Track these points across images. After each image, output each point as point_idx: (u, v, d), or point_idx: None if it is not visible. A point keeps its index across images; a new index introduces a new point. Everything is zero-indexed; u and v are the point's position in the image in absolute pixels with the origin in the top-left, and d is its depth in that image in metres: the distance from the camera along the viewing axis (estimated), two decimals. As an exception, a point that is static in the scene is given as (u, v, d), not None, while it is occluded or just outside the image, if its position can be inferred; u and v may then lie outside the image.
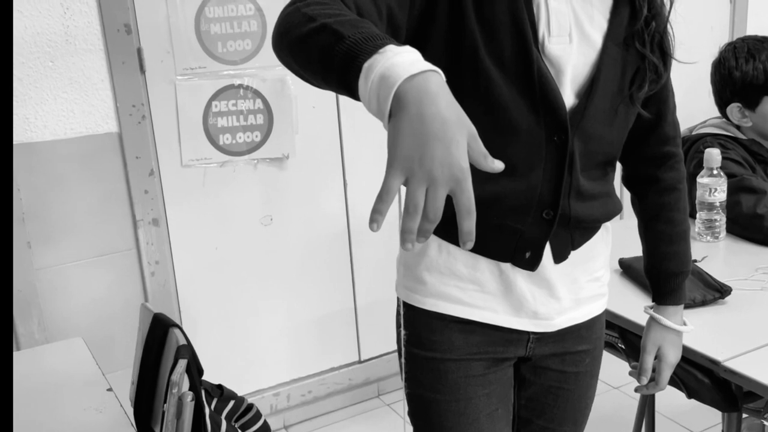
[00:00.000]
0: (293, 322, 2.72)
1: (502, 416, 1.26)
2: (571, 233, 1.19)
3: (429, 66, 0.76)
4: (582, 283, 1.24)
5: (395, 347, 1.31)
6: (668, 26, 1.17)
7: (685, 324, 1.36)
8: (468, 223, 0.76)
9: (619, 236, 1.32)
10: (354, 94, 0.81)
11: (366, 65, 0.78)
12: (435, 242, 1.18)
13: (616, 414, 2.62)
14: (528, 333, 1.23)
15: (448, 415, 1.23)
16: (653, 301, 1.37)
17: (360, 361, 2.89)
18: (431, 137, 0.73)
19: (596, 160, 1.17)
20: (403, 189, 0.76)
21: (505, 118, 1.08)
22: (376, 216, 0.74)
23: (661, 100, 1.24)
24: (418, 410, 1.27)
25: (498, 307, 1.19)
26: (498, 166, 0.78)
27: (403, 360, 1.27)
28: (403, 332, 1.26)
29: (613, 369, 1.41)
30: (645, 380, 1.36)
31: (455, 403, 1.22)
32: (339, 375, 2.85)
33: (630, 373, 1.44)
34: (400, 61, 0.76)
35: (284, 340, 2.73)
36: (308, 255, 2.68)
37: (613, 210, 1.24)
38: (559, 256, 1.19)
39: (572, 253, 1.20)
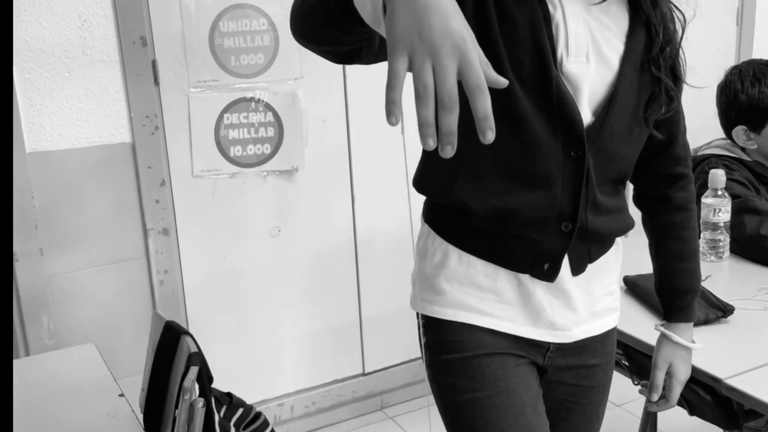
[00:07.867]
0: (298, 333, 2.74)
1: (542, 410, 1.24)
2: (588, 246, 1.21)
3: None
4: (597, 296, 1.26)
5: (399, 360, 1.30)
6: (680, 51, 1.20)
7: (694, 342, 1.38)
8: (482, 102, 0.70)
9: (624, 254, 1.35)
10: (357, 16, 0.82)
11: None
12: (455, 253, 1.20)
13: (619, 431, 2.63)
14: (548, 343, 1.24)
15: (492, 411, 1.18)
16: (664, 318, 1.39)
17: (364, 374, 2.89)
18: (425, 8, 0.73)
19: (611, 176, 1.20)
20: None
21: (526, 131, 1.11)
22: (390, 107, 0.71)
23: (673, 123, 1.27)
24: (458, 417, 1.23)
25: (516, 317, 1.21)
26: (502, 81, 0.74)
27: (431, 372, 1.24)
28: (426, 345, 1.25)
29: (615, 387, 1.42)
30: (656, 396, 1.38)
31: (498, 396, 1.18)
32: (343, 387, 2.86)
33: (640, 391, 1.46)
34: None
35: (289, 351, 2.74)
36: (315, 267, 2.70)
37: (627, 224, 1.27)
38: (577, 269, 1.21)
39: (589, 266, 1.23)
